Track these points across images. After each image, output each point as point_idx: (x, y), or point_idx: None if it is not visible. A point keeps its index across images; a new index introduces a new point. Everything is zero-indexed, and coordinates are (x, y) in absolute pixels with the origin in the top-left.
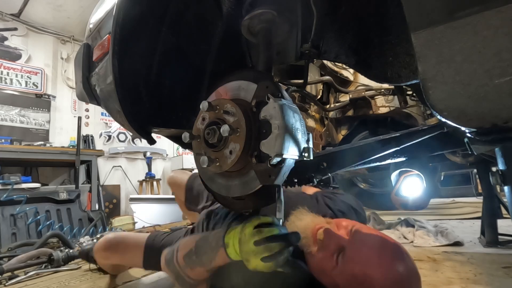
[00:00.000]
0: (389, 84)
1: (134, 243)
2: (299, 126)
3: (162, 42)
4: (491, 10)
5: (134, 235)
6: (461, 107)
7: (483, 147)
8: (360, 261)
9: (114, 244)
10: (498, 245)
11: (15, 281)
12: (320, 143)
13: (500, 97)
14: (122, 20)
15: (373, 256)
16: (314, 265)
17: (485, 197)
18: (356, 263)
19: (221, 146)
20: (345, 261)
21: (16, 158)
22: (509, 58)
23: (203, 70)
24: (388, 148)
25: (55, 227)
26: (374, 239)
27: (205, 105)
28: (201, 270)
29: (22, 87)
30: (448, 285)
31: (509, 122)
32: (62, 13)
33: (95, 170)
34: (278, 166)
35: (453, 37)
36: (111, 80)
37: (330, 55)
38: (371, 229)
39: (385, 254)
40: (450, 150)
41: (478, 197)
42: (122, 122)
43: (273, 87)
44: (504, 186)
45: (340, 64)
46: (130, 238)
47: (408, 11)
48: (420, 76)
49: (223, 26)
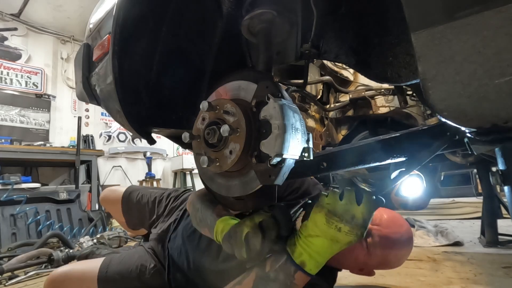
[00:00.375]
0: (389, 84)
1: (81, 279)
2: (299, 126)
3: (162, 42)
4: (491, 10)
5: (81, 269)
6: (461, 107)
7: (483, 147)
8: (386, 239)
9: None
10: (498, 245)
11: (15, 281)
12: (320, 143)
13: (500, 97)
14: (122, 20)
15: (395, 231)
16: (342, 257)
17: (485, 197)
18: (384, 242)
19: (221, 146)
20: (375, 243)
21: (16, 158)
22: (509, 58)
23: (203, 70)
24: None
25: (55, 227)
26: (390, 220)
27: (205, 105)
28: None
29: (22, 87)
30: (448, 285)
31: (509, 122)
32: (62, 13)
33: (95, 170)
34: (278, 166)
35: (453, 37)
36: (111, 80)
37: (330, 55)
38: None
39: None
40: (450, 150)
41: (478, 197)
42: (122, 122)
43: (273, 87)
44: (504, 186)
45: (340, 64)
46: (75, 274)
47: (408, 11)
48: (420, 76)
49: (223, 26)
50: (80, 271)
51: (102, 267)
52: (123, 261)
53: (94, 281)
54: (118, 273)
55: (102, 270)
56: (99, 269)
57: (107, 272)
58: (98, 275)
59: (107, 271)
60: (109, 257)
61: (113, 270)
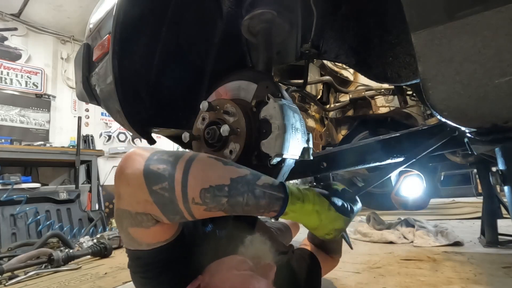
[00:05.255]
0: (389, 84)
1: None
2: (299, 126)
3: (162, 42)
4: (491, 10)
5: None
6: (461, 107)
7: (483, 147)
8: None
9: None
10: (498, 245)
11: (15, 281)
12: (320, 143)
13: (500, 97)
14: (122, 20)
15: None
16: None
17: (485, 197)
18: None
19: (221, 146)
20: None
21: (16, 158)
22: (509, 58)
23: (203, 70)
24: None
25: (55, 227)
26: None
27: (205, 105)
28: (218, 214)
29: (22, 87)
30: (448, 285)
31: (509, 122)
32: (62, 13)
33: (95, 170)
34: (278, 166)
35: (453, 37)
36: (111, 80)
37: (330, 55)
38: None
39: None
40: (450, 150)
41: (478, 197)
42: (122, 122)
43: (273, 87)
44: (504, 186)
45: (340, 64)
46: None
47: (408, 11)
48: (420, 76)
49: (223, 26)
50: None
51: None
52: None
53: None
54: None
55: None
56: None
57: None
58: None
59: None
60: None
61: None
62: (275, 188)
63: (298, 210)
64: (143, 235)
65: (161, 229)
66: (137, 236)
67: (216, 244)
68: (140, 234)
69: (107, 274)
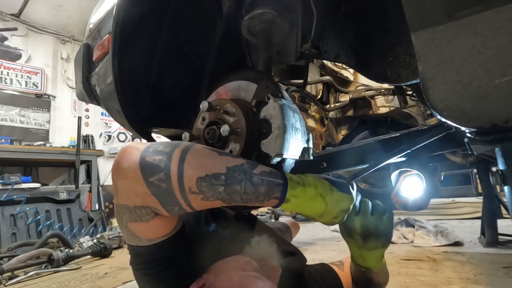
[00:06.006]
0: (389, 84)
1: None
2: (299, 126)
3: (162, 42)
4: (491, 10)
5: None
6: (461, 107)
7: (483, 147)
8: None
9: None
10: (498, 245)
11: (15, 281)
12: (320, 143)
13: (500, 97)
14: (122, 20)
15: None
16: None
17: (485, 197)
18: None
19: (221, 146)
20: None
21: (16, 158)
22: (509, 58)
23: (203, 70)
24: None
25: (55, 227)
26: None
27: (205, 105)
28: (216, 204)
29: (22, 87)
30: (448, 285)
31: (509, 122)
32: (62, 13)
33: (95, 170)
34: (278, 166)
35: (453, 37)
36: (111, 80)
37: (330, 55)
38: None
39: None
40: (450, 150)
41: (478, 197)
42: (122, 122)
43: (273, 87)
44: (504, 186)
45: (340, 64)
46: None
47: (408, 11)
48: (420, 76)
49: (223, 26)
50: None
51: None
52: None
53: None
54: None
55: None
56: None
57: None
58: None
59: None
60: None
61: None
62: (273, 175)
63: (300, 195)
64: (143, 229)
65: (161, 222)
66: (137, 231)
67: (219, 244)
68: (140, 229)
69: (107, 274)
